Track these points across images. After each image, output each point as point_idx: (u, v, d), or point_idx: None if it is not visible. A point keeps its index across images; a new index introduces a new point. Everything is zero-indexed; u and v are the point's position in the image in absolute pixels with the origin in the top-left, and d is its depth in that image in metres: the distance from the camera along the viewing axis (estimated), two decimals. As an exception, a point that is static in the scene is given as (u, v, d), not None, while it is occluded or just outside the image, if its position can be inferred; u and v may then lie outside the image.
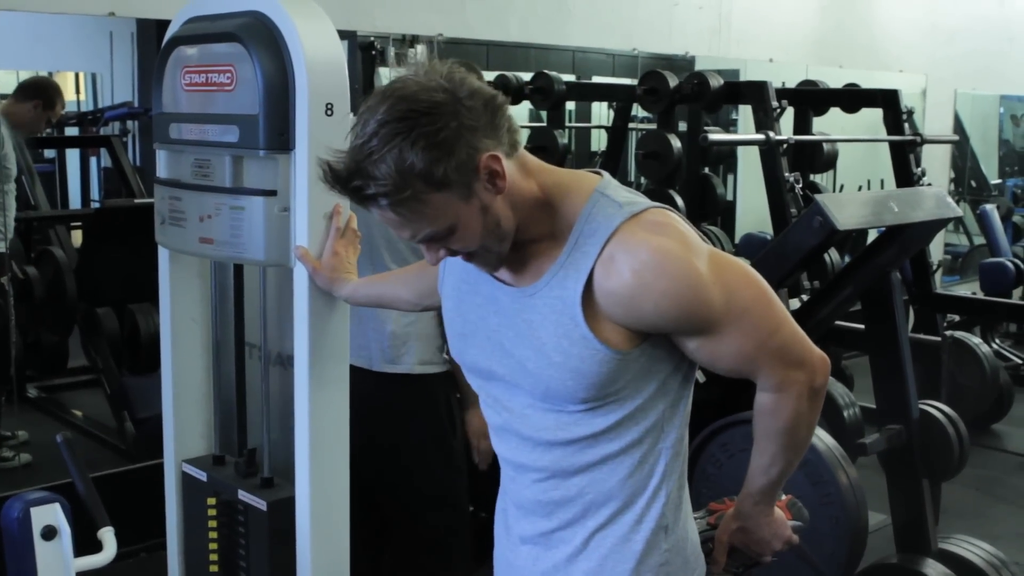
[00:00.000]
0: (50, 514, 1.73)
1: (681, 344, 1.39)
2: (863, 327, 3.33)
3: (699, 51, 5.63)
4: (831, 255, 4.80)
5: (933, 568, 2.97)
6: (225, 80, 1.88)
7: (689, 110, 4.90)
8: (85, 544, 1.82)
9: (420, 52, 4.41)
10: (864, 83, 5.35)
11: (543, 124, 5.26)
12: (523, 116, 5.54)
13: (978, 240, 7.66)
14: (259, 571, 2.01)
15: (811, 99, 4.99)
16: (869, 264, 3.09)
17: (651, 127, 4.97)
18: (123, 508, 2.16)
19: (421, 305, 1.84)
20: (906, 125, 4.73)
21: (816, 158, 5.06)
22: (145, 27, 4.47)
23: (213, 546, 2.08)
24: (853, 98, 5.05)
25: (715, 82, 4.45)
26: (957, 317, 5.47)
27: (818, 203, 2.75)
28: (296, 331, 1.92)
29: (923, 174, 4.72)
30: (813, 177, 5.25)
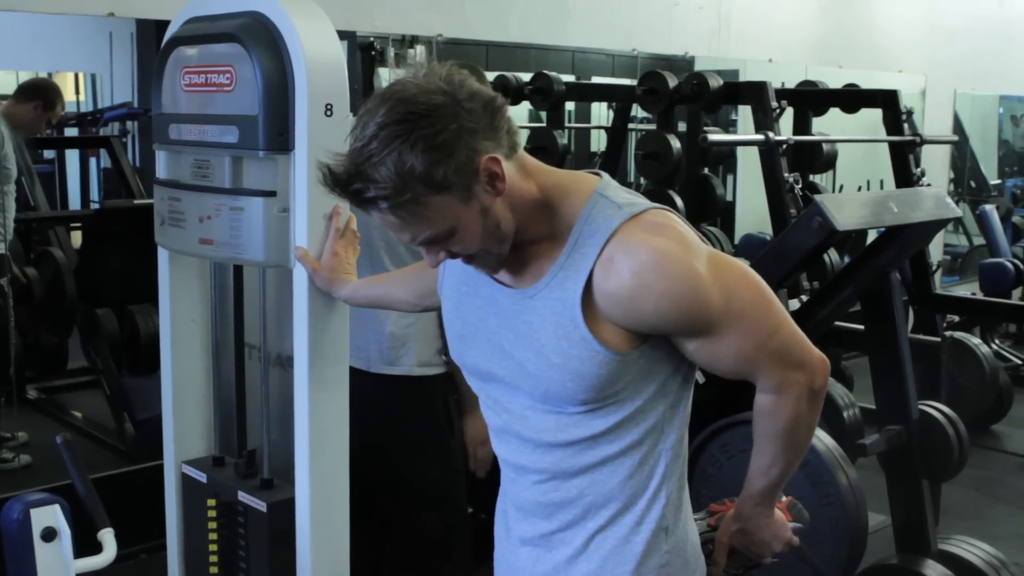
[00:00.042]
0: (50, 515, 1.73)
1: (680, 345, 1.39)
2: (863, 328, 3.33)
3: (699, 51, 5.62)
4: (830, 256, 4.80)
5: (933, 569, 2.97)
6: (224, 81, 1.88)
7: (688, 110, 4.91)
8: (85, 545, 1.82)
9: (419, 53, 4.41)
10: (863, 83, 5.35)
11: (543, 124, 5.26)
12: (523, 116, 5.53)
13: (977, 240, 7.66)
14: (259, 572, 2.01)
15: (811, 99, 4.99)
16: (869, 265, 3.09)
17: (650, 127, 4.97)
18: (123, 509, 2.16)
19: (420, 306, 1.84)
20: (905, 125, 4.73)
21: (815, 158, 5.06)
22: (145, 28, 4.47)
23: (213, 547, 2.07)
24: (852, 98, 5.06)
25: (714, 82, 4.46)
26: (957, 318, 5.46)
27: (817, 203, 2.76)
28: (296, 332, 1.92)
29: (922, 174, 4.72)
30: (813, 177, 5.25)
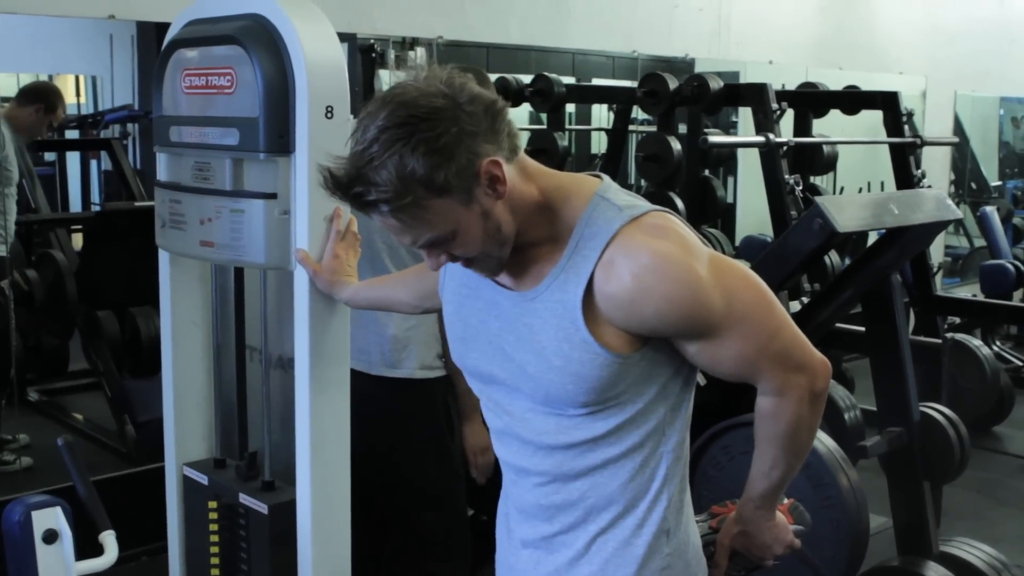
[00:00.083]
0: (51, 518, 1.73)
1: (682, 348, 1.39)
2: (863, 329, 3.33)
3: (699, 53, 5.62)
4: (831, 257, 4.80)
5: (934, 571, 2.97)
6: (225, 83, 1.89)
7: (689, 112, 4.91)
8: (86, 548, 1.81)
9: (420, 55, 4.41)
10: (864, 85, 5.35)
11: (543, 127, 5.26)
12: (523, 118, 5.53)
13: (978, 242, 7.66)
14: (261, 574, 2.01)
15: (811, 101, 5.00)
16: (869, 266, 3.09)
17: (651, 129, 4.98)
18: (124, 511, 2.15)
19: (421, 307, 1.84)
20: (906, 127, 4.73)
21: (816, 160, 5.07)
22: (145, 30, 4.47)
23: (214, 549, 2.07)
24: (853, 100, 5.06)
25: (715, 84, 4.46)
26: (958, 319, 5.46)
27: (818, 205, 2.75)
28: (297, 334, 1.92)
29: (923, 176, 4.72)
30: (813, 179, 5.26)
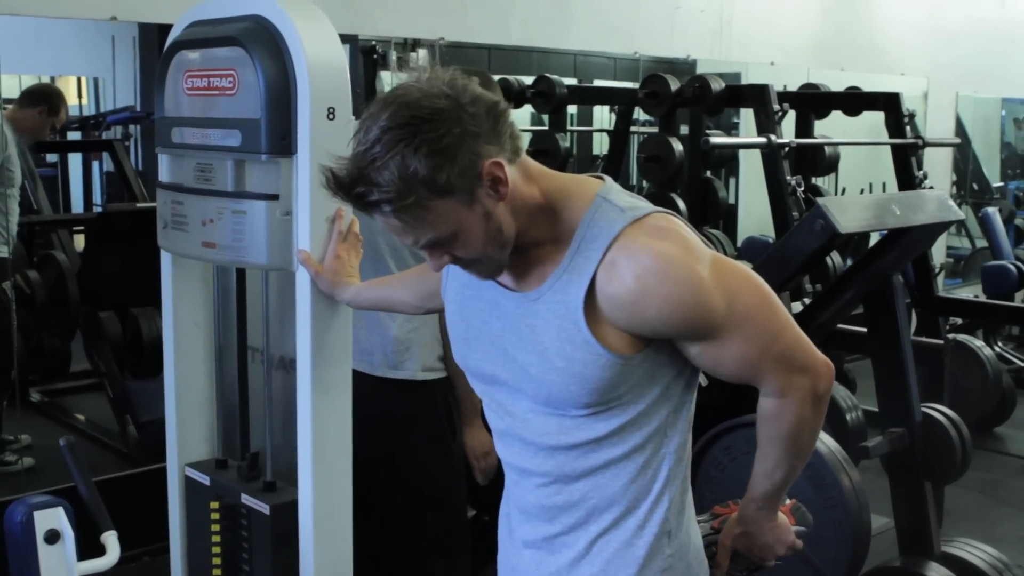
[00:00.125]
0: (53, 518, 1.73)
1: (684, 349, 1.39)
2: (865, 330, 3.33)
3: (700, 54, 5.62)
4: (833, 258, 4.79)
5: (936, 571, 2.97)
6: (227, 84, 1.89)
7: (691, 113, 4.91)
8: (88, 548, 1.82)
9: (421, 57, 4.41)
10: (865, 86, 5.35)
11: (545, 128, 5.26)
12: (525, 120, 5.53)
13: (980, 243, 7.65)
14: (262, 575, 2.01)
15: (813, 102, 5.00)
16: (871, 267, 3.09)
17: (653, 131, 4.98)
18: (126, 512, 2.15)
19: (423, 308, 1.84)
20: (908, 128, 4.73)
21: (818, 161, 5.07)
22: (147, 31, 4.47)
23: (216, 550, 2.07)
24: (855, 101, 5.06)
25: (716, 85, 4.46)
26: (959, 320, 5.46)
27: (820, 206, 2.76)
28: (298, 335, 1.92)
29: (925, 177, 4.72)
30: (815, 180, 5.25)
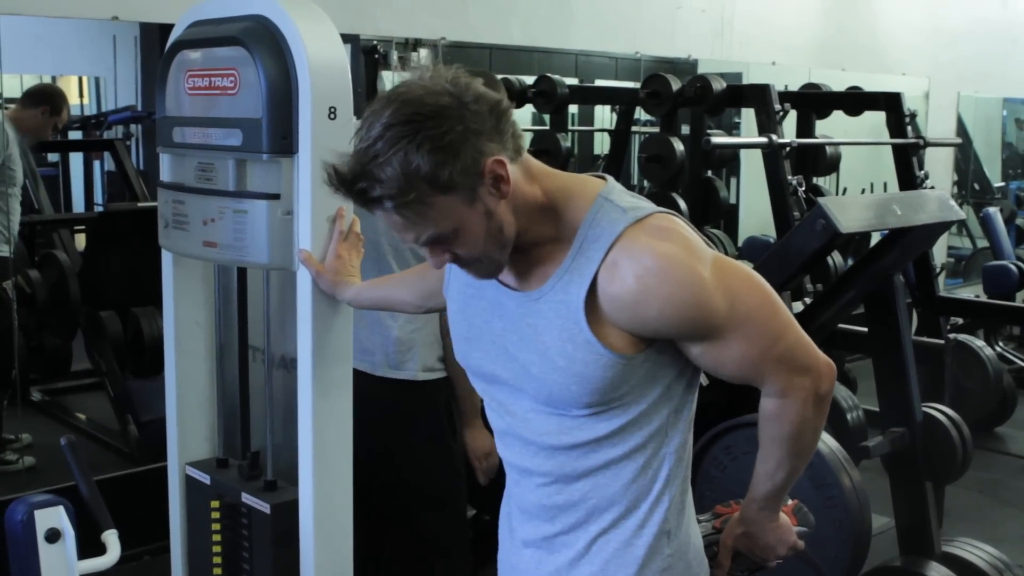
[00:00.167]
0: (54, 517, 1.73)
1: (685, 349, 1.39)
2: (866, 330, 3.32)
3: (702, 54, 5.62)
4: (834, 258, 4.79)
5: (936, 571, 2.97)
6: (228, 84, 1.89)
7: (692, 113, 4.91)
8: (89, 547, 1.82)
9: (423, 57, 4.41)
10: (867, 86, 5.34)
11: (546, 128, 5.26)
12: (526, 120, 5.53)
13: (981, 243, 7.65)
14: (263, 574, 2.01)
15: (814, 102, 4.99)
16: (872, 267, 3.09)
17: (654, 130, 4.98)
18: (127, 511, 2.16)
19: (423, 308, 1.84)
20: (909, 128, 4.72)
21: (819, 161, 5.06)
22: (148, 31, 4.47)
23: (217, 549, 2.08)
24: (856, 101, 5.05)
25: (718, 85, 4.46)
26: (960, 320, 5.46)
27: (821, 206, 2.75)
28: (299, 334, 1.92)
29: (926, 177, 4.72)
30: (816, 180, 5.25)
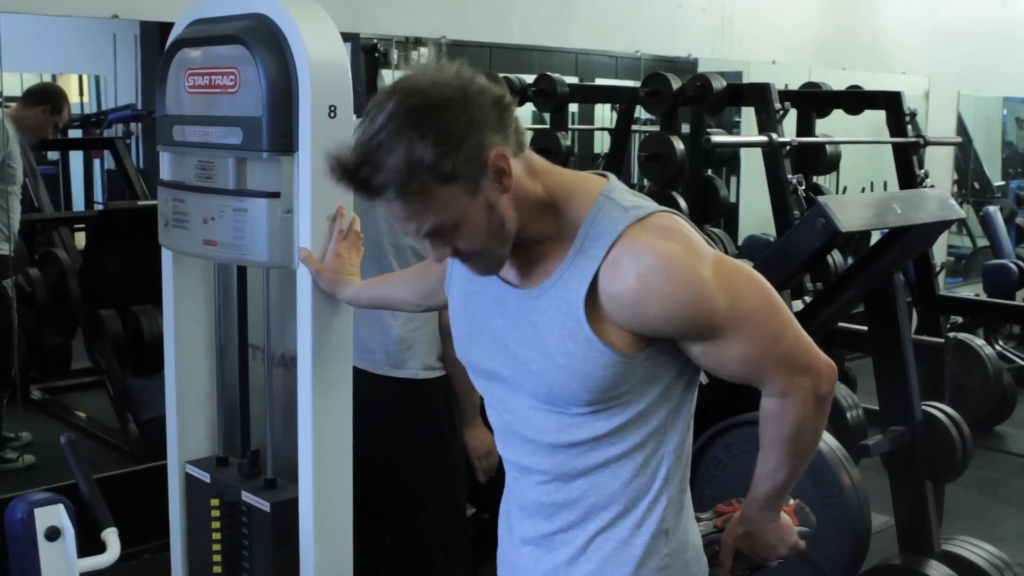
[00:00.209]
0: (54, 515, 1.73)
1: (686, 349, 1.39)
2: (866, 329, 3.32)
3: (702, 53, 5.62)
4: (834, 257, 4.79)
5: (936, 569, 2.97)
6: (228, 82, 1.89)
7: (692, 112, 4.91)
8: (89, 545, 1.82)
9: (428, 54, 4.41)
10: (867, 85, 5.35)
11: (546, 126, 5.26)
12: (526, 118, 5.53)
13: (981, 242, 7.65)
14: (262, 572, 2.01)
15: (814, 101, 4.99)
16: (872, 266, 3.09)
17: (654, 129, 4.98)
18: (127, 509, 2.16)
19: (423, 306, 1.84)
20: (909, 127, 4.72)
21: (819, 160, 5.07)
22: (148, 29, 4.48)
23: (217, 547, 2.08)
24: (856, 100, 5.05)
25: (718, 84, 4.46)
26: (960, 319, 5.46)
27: (821, 205, 2.76)
28: (299, 332, 1.92)
29: (926, 176, 4.72)
30: (816, 179, 5.25)
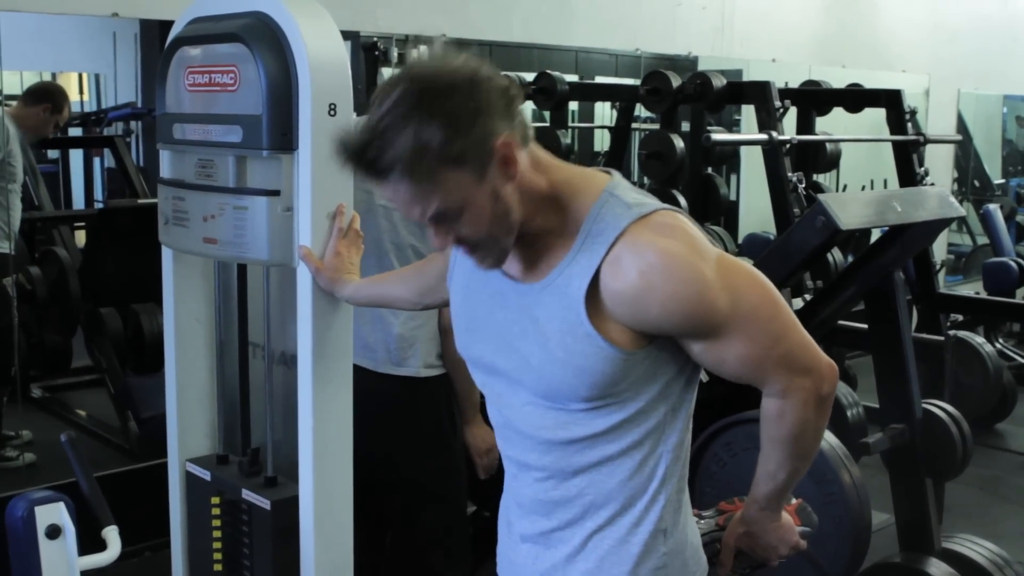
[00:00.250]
0: (54, 513, 1.73)
1: (687, 347, 1.39)
2: (866, 327, 3.33)
3: (702, 51, 5.61)
4: (834, 255, 4.79)
5: (936, 567, 2.97)
6: (228, 80, 1.89)
7: (692, 110, 4.91)
8: (89, 543, 1.82)
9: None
10: (867, 83, 5.34)
11: (546, 124, 5.26)
12: (526, 117, 5.52)
13: (981, 240, 7.65)
14: (263, 570, 2.01)
15: (814, 99, 4.99)
16: (872, 264, 3.09)
17: (654, 127, 4.97)
18: (127, 507, 2.16)
19: (421, 304, 1.84)
20: (909, 125, 4.72)
21: (819, 158, 5.06)
22: (148, 28, 4.47)
23: (217, 545, 2.08)
24: (856, 98, 5.05)
25: (718, 82, 4.46)
26: (960, 317, 5.46)
27: (821, 203, 2.76)
28: (299, 330, 1.92)
29: (926, 174, 4.72)
30: (816, 177, 5.25)
